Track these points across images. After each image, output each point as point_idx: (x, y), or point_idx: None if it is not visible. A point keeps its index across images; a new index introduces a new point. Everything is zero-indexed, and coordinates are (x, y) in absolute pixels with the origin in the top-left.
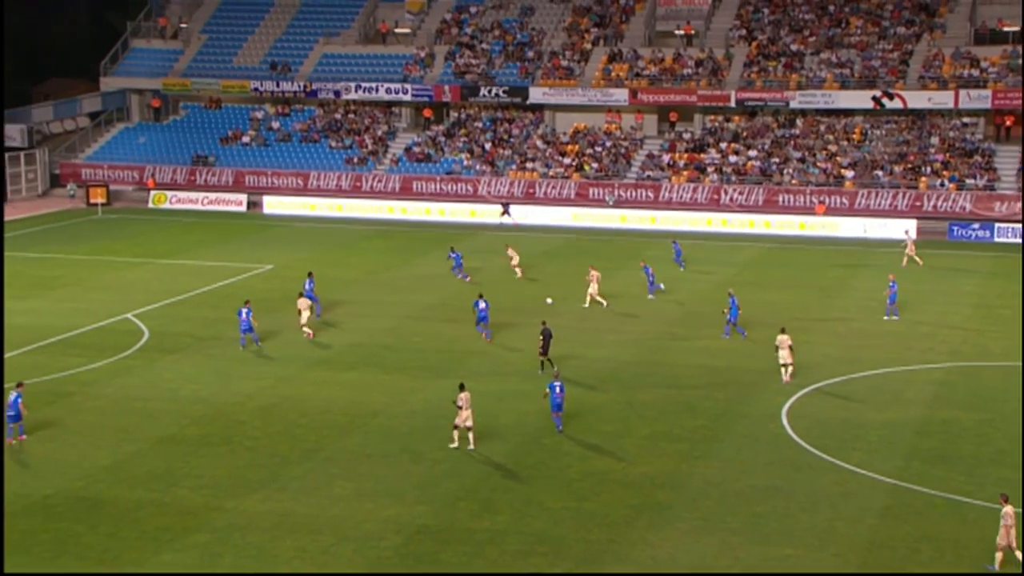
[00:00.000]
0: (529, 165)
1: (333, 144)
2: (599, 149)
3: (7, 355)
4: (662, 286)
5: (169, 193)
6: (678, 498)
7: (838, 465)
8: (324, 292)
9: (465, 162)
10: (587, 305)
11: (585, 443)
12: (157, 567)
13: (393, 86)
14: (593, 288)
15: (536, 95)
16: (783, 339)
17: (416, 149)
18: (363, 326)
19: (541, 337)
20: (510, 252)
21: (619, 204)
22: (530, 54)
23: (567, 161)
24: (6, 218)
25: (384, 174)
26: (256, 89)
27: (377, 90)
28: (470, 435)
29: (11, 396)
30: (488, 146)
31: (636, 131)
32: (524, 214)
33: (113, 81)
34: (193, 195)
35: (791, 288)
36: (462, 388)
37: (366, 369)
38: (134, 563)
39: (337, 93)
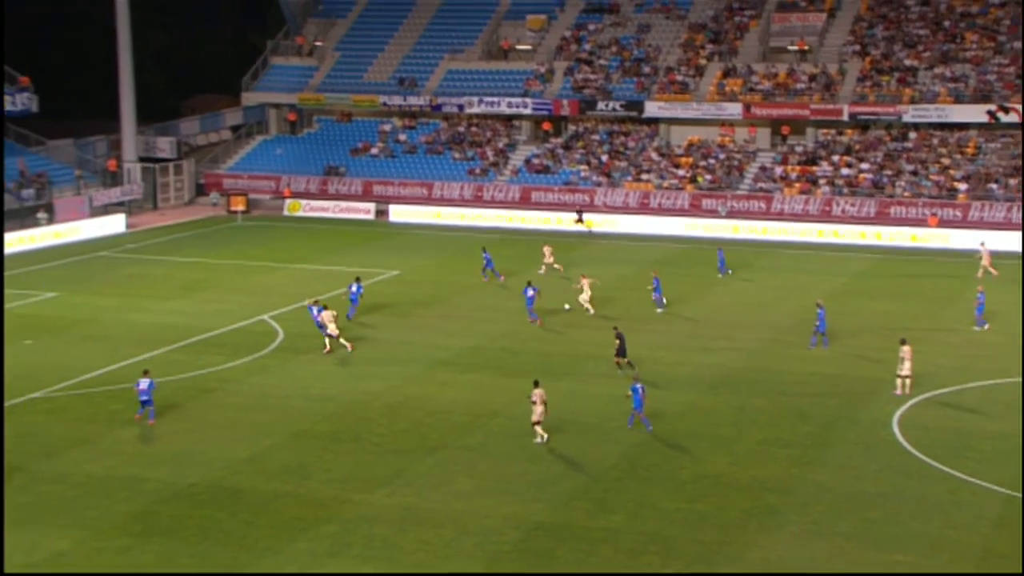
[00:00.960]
0: (644, 176)
1: (456, 156)
2: (712, 161)
3: (157, 352)
4: (664, 300)
5: (303, 201)
6: (789, 502)
7: (950, 474)
8: (448, 296)
9: (582, 173)
10: (569, 307)
11: (697, 446)
12: (292, 555)
13: (514, 100)
14: (585, 295)
15: (652, 109)
16: (906, 350)
17: (535, 161)
18: (483, 330)
19: (617, 340)
20: (546, 250)
21: (731, 215)
22: (646, 69)
23: (681, 173)
24: (157, 224)
25: (504, 184)
26: (385, 103)
27: (499, 104)
28: (537, 428)
29: (144, 382)
30: (604, 158)
31: (749, 144)
32: (638, 224)
33: (254, 96)
34: (325, 204)
35: (902, 298)
36: (536, 384)
37: (487, 371)
38: (271, 550)
39: (461, 107)
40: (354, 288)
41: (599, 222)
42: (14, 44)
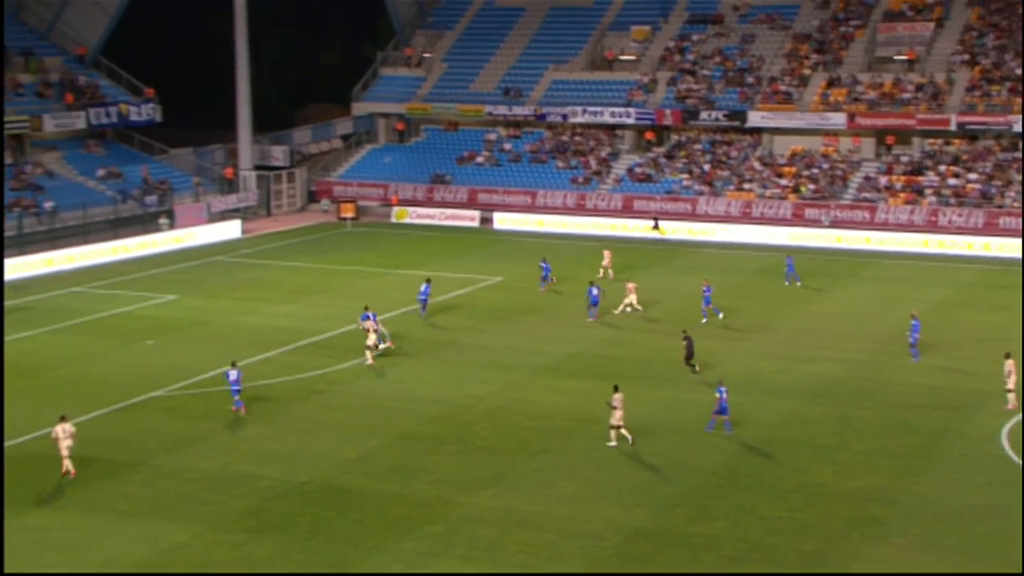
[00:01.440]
0: (746, 186)
1: (560, 164)
2: (816, 171)
3: (270, 353)
4: (717, 311)
5: (410, 209)
6: (894, 514)
7: None
8: (550, 303)
9: (684, 182)
10: (618, 311)
11: (800, 455)
12: (397, 554)
13: (617, 110)
14: (631, 298)
15: (755, 119)
16: (1010, 364)
17: (638, 170)
18: (586, 336)
19: (684, 342)
20: (606, 254)
21: (835, 224)
22: (750, 79)
23: (784, 182)
24: (270, 230)
25: (607, 193)
26: (490, 113)
27: (602, 114)
28: (624, 431)
29: (233, 373)
30: (707, 167)
31: (853, 153)
32: (738, 233)
33: (363, 106)
34: (431, 211)
35: (1008, 310)
36: (616, 389)
37: (588, 377)
38: (378, 548)
39: (565, 117)
40: (423, 288)
41: (700, 231)
42: (140, 56)
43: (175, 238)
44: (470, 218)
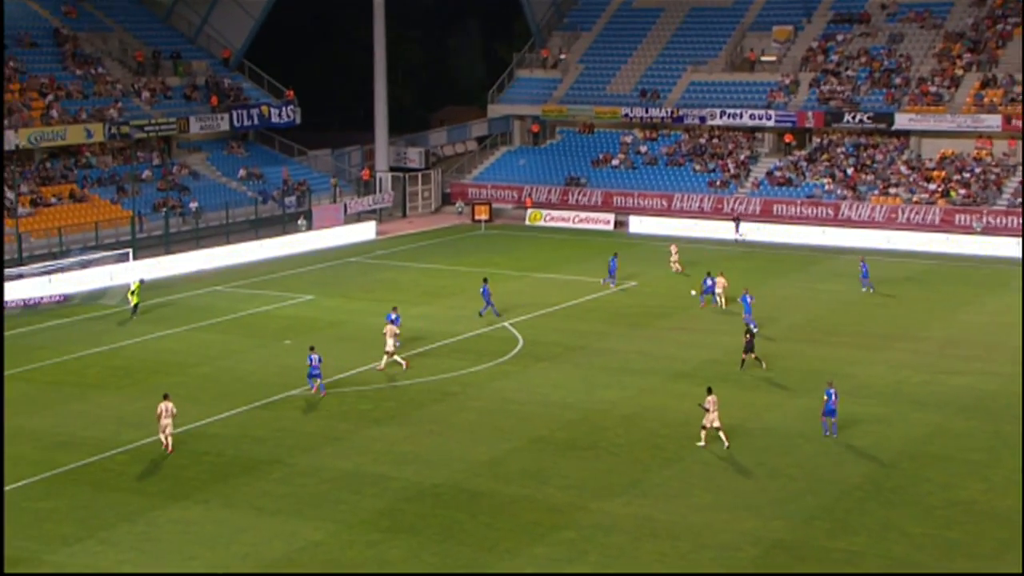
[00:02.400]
0: (892, 190)
1: (697, 167)
2: (967, 175)
3: (404, 355)
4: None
5: (544, 211)
6: None
7: None
8: (685, 307)
9: (826, 186)
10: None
11: (948, 471)
12: (530, 558)
13: (757, 112)
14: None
15: (902, 121)
16: None
17: (777, 173)
18: (721, 343)
19: (747, 336)
20: (672, 249)
21: (987, 231)
22: (897, 80)
23: (932, 187)
24: (405, 231)
25: (745, 197)
26: (626, 115)
27: (741, 116)
28: (721, 434)
29: (314, 357)
30: (850, 171)
31: (1008, 157)
32: (886, 239)
33: (499, 108)
34: (565, 214)
35: None
36: (709, 391)
37: (724, 384)
38: (510, 553)
39: (702, 119)
40: (483, 290)
41: (843, 237)
42: (281, 59)
43: (312, 239)
44: (604, 221)
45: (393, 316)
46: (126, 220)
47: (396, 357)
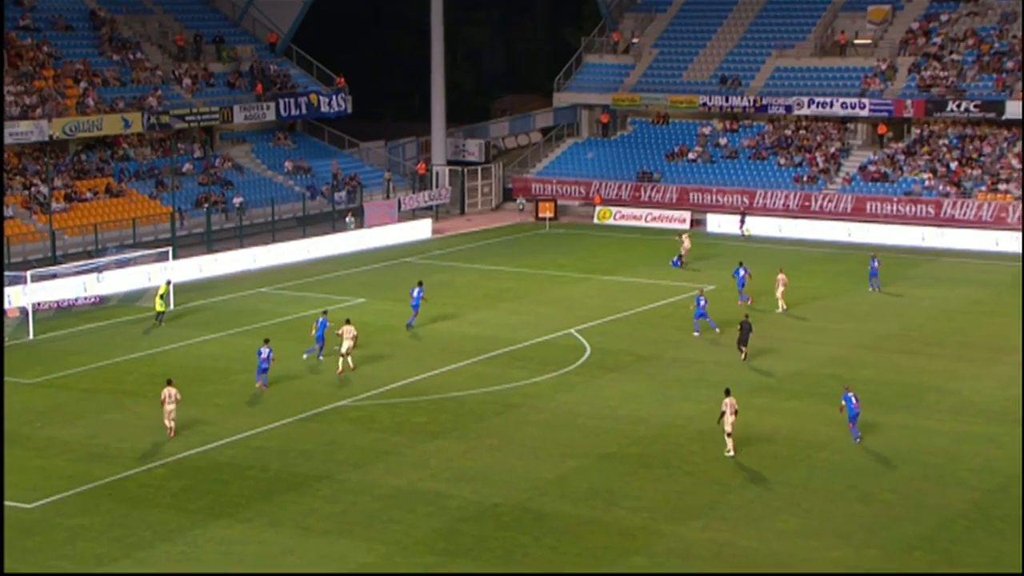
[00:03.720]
0: (1002, 187)
1: (782, 161)
2: None
3: (461, 363)
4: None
5: (614, 209)
6: None
7: None
8: (768, 314)
9: (926, 182)
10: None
11: None
12: None
13: (849, 100)
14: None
15: (1013, 110)
16: None
17: (871, 168)
18: (808, 353)
19: (739, 328)
20: (684, 238)
21: None
22: (1008, 64)
23: None
24: (463, 230)
25: (835, 193)
26: (704, 104)
27: (831, 105)
28: (728, 440)
29: (265, 350)
30: (954, 165)
31: None
32: (994, 240)
33: (565, 96)
34: (637, 211)
35: None
36: (727, 393)
37: (811, 399)
38: None
39: (788, 108)
40: (415, 292)
41: (941, 237)
42: (331, 44)
43: (364, 237)
44: (680, 220)
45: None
46: (165, 216)
47: (348, 359)
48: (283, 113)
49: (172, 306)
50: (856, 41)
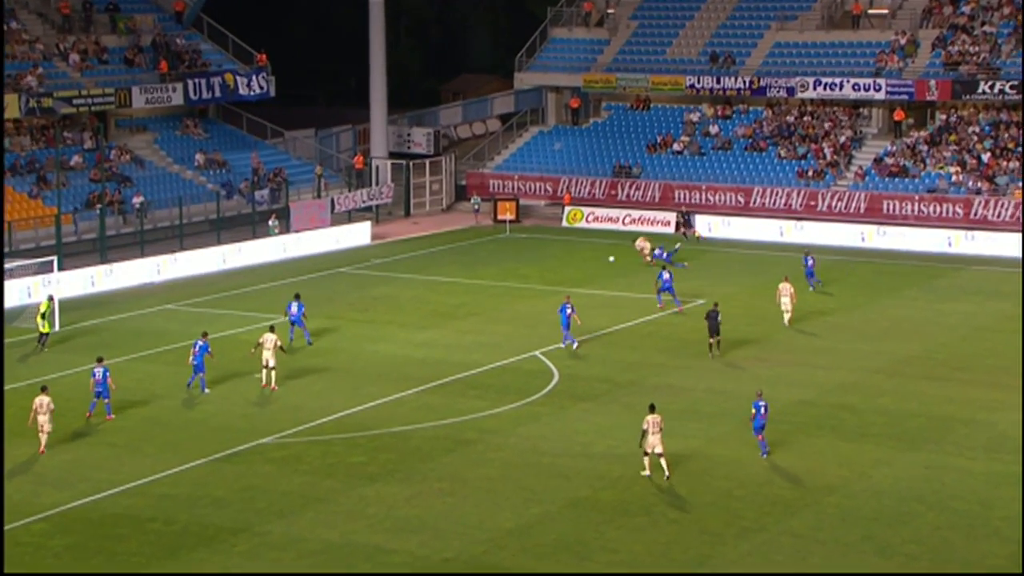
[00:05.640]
0: None
1: (783, 153)
2: None
3: (406, 392)
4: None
5: (586, 209)
6: None
7: None
8: (767, 333)
9: (954, 177)
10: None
11: None
12: None
13: (862, 81)
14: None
15: None
16: None
17: (888, 160)
18: (814, 379)
19: (706, 320)
20: (640, 243)
21: None
22: None
23: None
24: (409, 235)
25: (846, 191)
26: (692, 86)
27: (841, 86)
28: (663, 462)
29: (98, 371)
30: (986, 157)
31: None
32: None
33: (528, 77)
34: (613, 212)
35: None
36: (652, 410)
37: (819, 432)
38: None
39: (791, 90)
40: (294, 308)
41: (970, 242)
42: (250, 15)
43: (291, 244)
44: (664, 222)
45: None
46: (49, 220)
47: (271, 373)
48: (192, 96)
49: (57, 327)
50: (871, 11)
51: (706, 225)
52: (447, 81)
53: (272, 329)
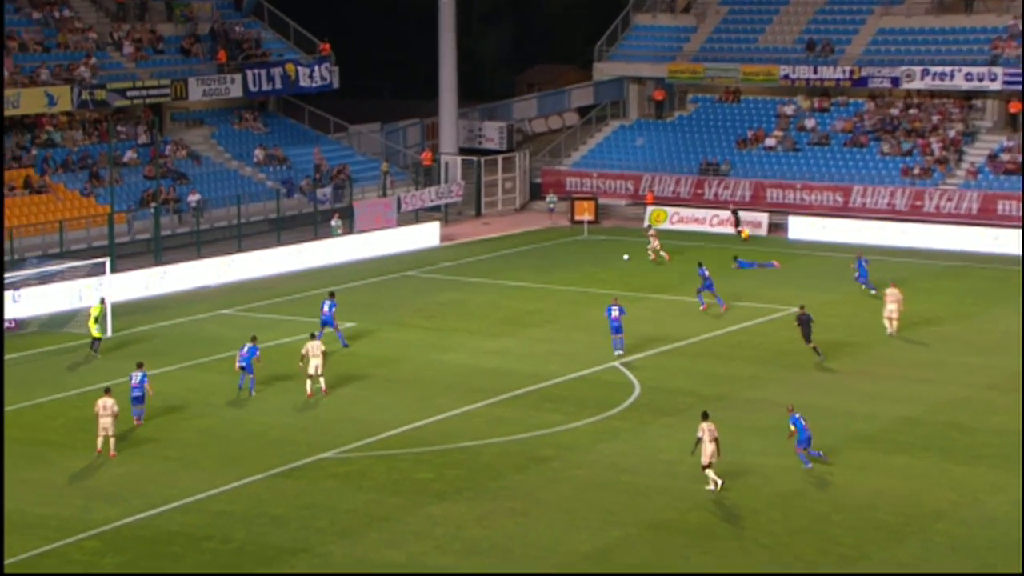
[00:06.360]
0: None
1: (886, 149)
2: None
3: (476, 405)
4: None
5: (670, 210)
6: None
7: None
8: (868, 343)
9: None
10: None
11: None
12: None
13: (976, 71)
14: (889, 307)
15: None
16: None
17: (1004, 157)
18: (921, 395)
19: (798, 324)
20: (651, 236)
21: None
22: None
23: None
24: (480, 236)
25: (956, 190)
26: (787, 76)
27: (952, 76)
28: (710, 473)
29: (136, 376)
30: None
31: None
32: None
33: (609, 67)
34: (699, 213)
35: None
36: (704, 417)
37: (926, 454)
38: None
39: (895, 81)
40: (327, 306)
41: None
42: (312, 2)
43: (354, 245)
44: (754, 223)
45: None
46: (102, 219)
47: (319, 381)
48: (252, 88)
49: (110, 332)
50: None
51: (801, 227)
52: (522, 72)
53: (314, 336)
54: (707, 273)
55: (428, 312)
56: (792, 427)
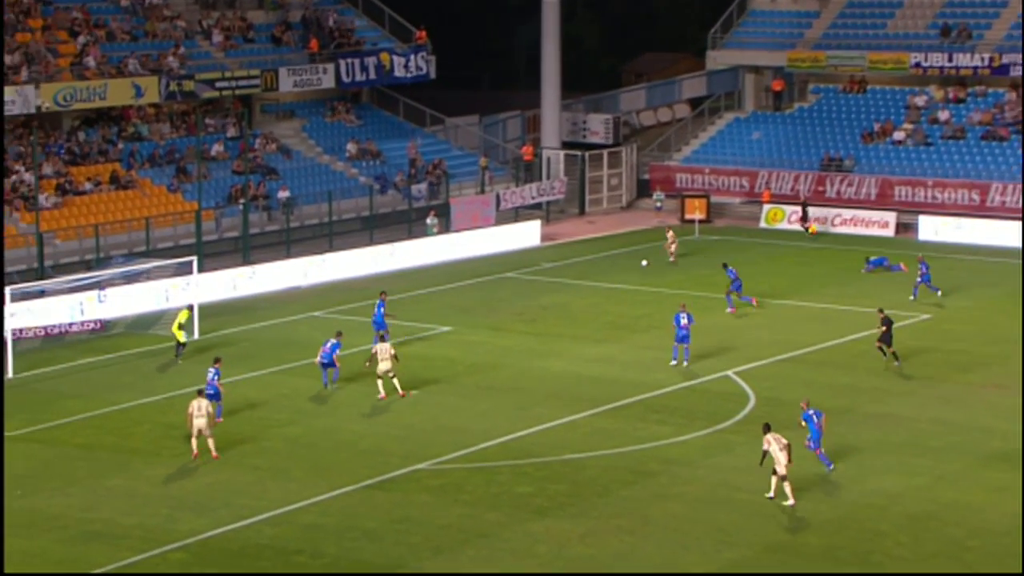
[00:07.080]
0: None
1: None
2: None
3: (579, 415)
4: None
5: (788, 208)
6: None
7: None
8: (1006, 352)
9: None
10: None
11: None
12: None
13: None
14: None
15: None
16: None
17: None
18: None
19: (883, 327)
20: (670, 235)
21: None
22: None
23: None
24: (584, 235)
25: None
26: (918, 64)
27: None
28: (786, 487)
29: (212, 371)
30: None
31: None
32: None
33: (723, 56)
34: (821, 212)
35: None
36: (767, 429)
37: None
38: None
39: None
40: (332, 345)
41: None
42: None
43: (451, 244)
44: (880, 223)
45: (329, 345)
46: (189, 216)
47: (392, 381)
48: (345, 79)
49: (196, 334)
50: None
51: (933, 228)
52: (629, 61)
53: (383, 338)
54: (736, 274)
55: (528, 316)
56: (802, 423)
